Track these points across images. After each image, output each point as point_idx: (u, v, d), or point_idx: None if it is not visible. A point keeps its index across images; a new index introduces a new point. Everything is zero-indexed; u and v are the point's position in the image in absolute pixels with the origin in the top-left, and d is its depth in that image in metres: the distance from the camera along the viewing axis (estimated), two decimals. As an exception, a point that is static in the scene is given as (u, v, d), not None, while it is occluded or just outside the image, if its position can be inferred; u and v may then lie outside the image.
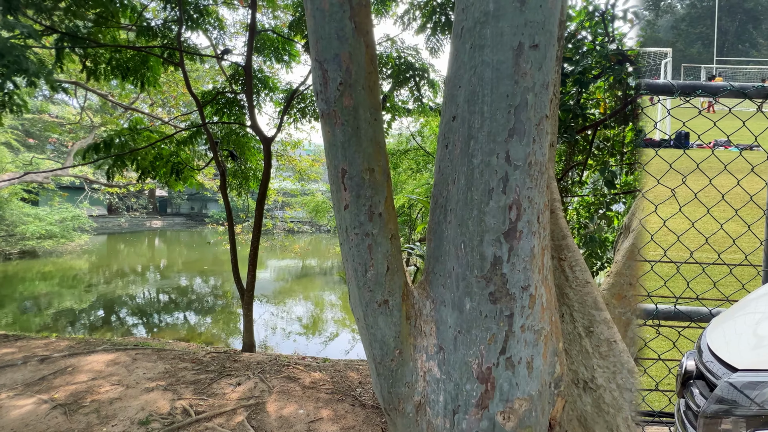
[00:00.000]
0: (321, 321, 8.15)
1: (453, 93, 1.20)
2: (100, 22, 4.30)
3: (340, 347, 6.44)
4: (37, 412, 2.29)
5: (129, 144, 4.84)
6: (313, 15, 1.03)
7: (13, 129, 12.25)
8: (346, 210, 1.16)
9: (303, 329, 7.39)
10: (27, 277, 10.78)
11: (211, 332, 6.81)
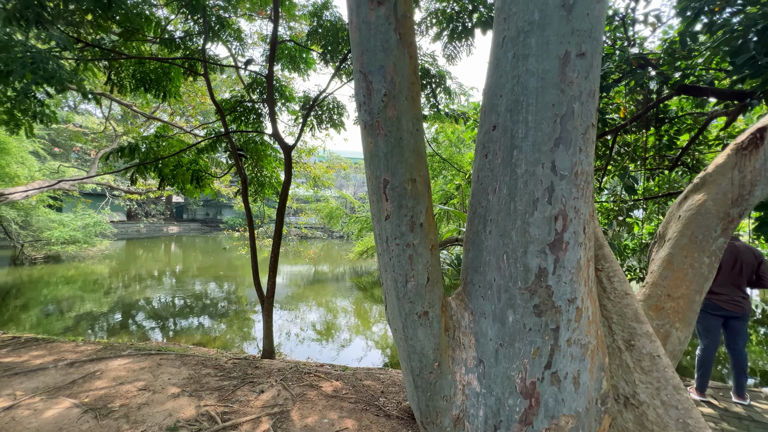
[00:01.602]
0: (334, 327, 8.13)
1: (493, 102, 1.19)
2: (125, 35, 4.45)
3: (353, 354, 6.40)
4: (69, 416, 2.33)
5: (153, 150, 4.98)
6: (359, 28, 1.04)
7: (40, 138, 12.73)
8: (387, 220, 1.15)
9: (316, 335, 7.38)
10: (51, 281, 11.09)
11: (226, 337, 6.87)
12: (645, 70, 4.04)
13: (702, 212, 1.81)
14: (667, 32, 4.90)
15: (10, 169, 8.59)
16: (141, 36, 4.63)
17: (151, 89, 4.98)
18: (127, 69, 4.89)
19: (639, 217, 6.16)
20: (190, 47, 4.98)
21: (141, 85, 4.91)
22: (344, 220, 13.28)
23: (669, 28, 5.03)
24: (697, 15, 3.45)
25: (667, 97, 4.67)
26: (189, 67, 4.97)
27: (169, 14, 6.13)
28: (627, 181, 3.76)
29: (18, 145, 8.83)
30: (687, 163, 5.62)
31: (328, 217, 12.82)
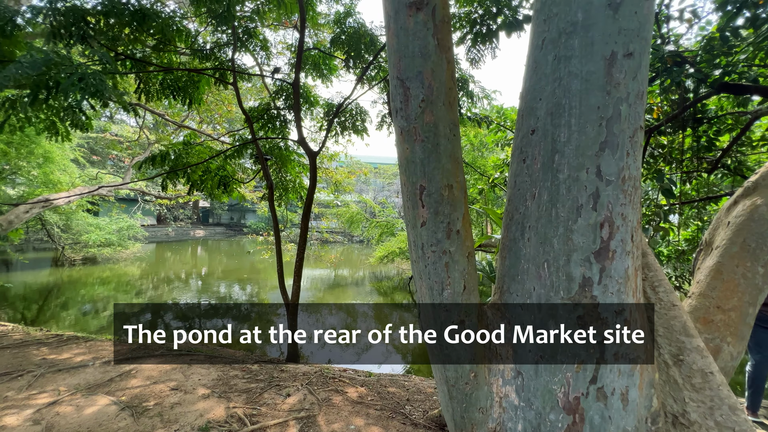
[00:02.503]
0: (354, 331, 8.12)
1: (532, 106, 1.16)
2: (158, 47, 4.68)
3: (373, 359, 6.38)
4: (108, 413, 2.43)
5: (182, 157, 5.18)
6: (396, 34, 1.04)
7: (79, 147, 13.52)
8: (423, 227, 1.14)
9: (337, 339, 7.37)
10: (88, 282, 11.70)
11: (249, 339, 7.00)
12: (682, 67, 3.86)
13: (755, 218, 1.69)
14: (705, 28, 4.67)
15: (54, 176, 9.16)
16: (172, 47, 4.85)
17: (178, 96, 5.19)
18: (156, 78, 5.12)
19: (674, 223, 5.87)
20: (219, 58, 5.17)
21: (169, 93, 5.12)
22: (364, 225, 13.34)
23: (707, 23, 4.80)
24: (739, 9, 3.28)
25: (705, 96, 4.44)
26: (219, 77, 5.15)
27: (199, 27, 6.40)
28: (665, 184, 3.58)
29: (61, 154, 9.41)
30: (728, 166, 5.31)
31: (349, 222, 12.92)
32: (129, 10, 3.72)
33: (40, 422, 2.28)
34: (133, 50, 4.66)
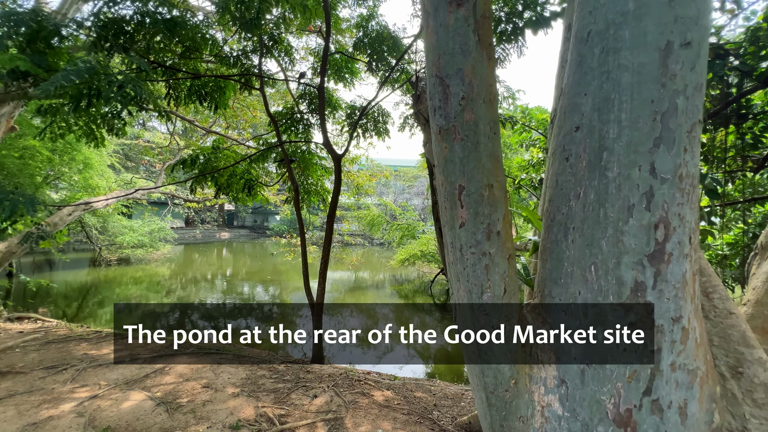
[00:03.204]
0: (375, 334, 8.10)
1: (575, 102, 1.11)
2: (186, 54, 4.86)
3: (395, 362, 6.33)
4: (144, 408, 2.52)
5: (210, 161, 5.35)
6: (436, 32, 1.02)
7: (115, 153, 14.24)
8: (462, 228, 1.11)
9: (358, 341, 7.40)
10: (122, 281, 12.27)
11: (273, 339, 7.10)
12: (724, 60, 3.65)
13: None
14: (750, 18, 4.40)
15: (93, 181, 9.69)
16: (198, 54, 5.02)
17: (205, 102, 5.36)
18: (184, 84, 5.30)
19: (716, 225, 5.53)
20: (245, 64, 5.31)
21: (196, 99, 5.29)
22: (385, 228, 13.34)
23: (752, 13, 4.51)
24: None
25: (750, 91, 4.18)
26: (245, 82, 5.30)
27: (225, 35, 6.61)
28: (708, 183, 3.37)
29: (99, 160, 9.96)
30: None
31: (370, 225, 12.95)
32: (161, 19, 3.89)
33: (83, 414, 2.39)
34: (164, 58, 4.87)
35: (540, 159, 6.41)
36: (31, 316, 6.06)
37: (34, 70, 2.98)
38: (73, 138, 4.42)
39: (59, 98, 4.08)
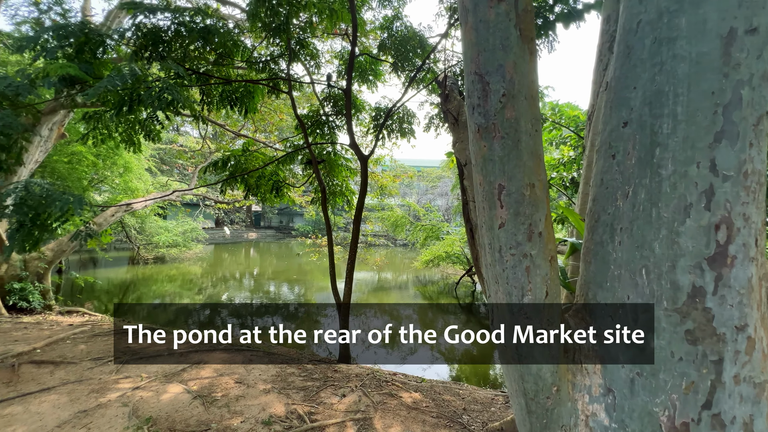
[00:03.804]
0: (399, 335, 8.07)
1: (623, 96, 1.06)
2: (218, 61, 5.05)
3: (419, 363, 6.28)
4: (182, 400, 2.63)
5: (241, 163, 5.52)
6: (475, 28, 1.00)
7: (152, 157, 15.02)
8: (502, 228, 1.08)
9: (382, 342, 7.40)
10: (158, 279, 12.91)
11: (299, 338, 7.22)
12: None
13: None
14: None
15: (132, 184, 10.29)
16: (230, 61, 5.20)
17: (235, 106, 5.54)
18: (216, 90, 5.50)
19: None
20: (273, 69, 5.45)
21: (227, 104, 5.48)
22: (408, 229, 13.29)
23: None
24: None
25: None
26: (273, 86, 5.43)
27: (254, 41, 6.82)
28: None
29: (138, 164, 10.55)
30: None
31: (393, 226, 12.95)
32: (196, 28, 4.06)
33: (127, 404, 2.52)
34: (198, 66, 5.09)
35: (571, 157, 6.18)
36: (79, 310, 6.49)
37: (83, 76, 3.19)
38: (114, 143, 4.71)
39: (102, 105, 4.35)
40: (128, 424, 2.31)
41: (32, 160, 6.57)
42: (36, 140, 6.48)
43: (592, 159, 2.50)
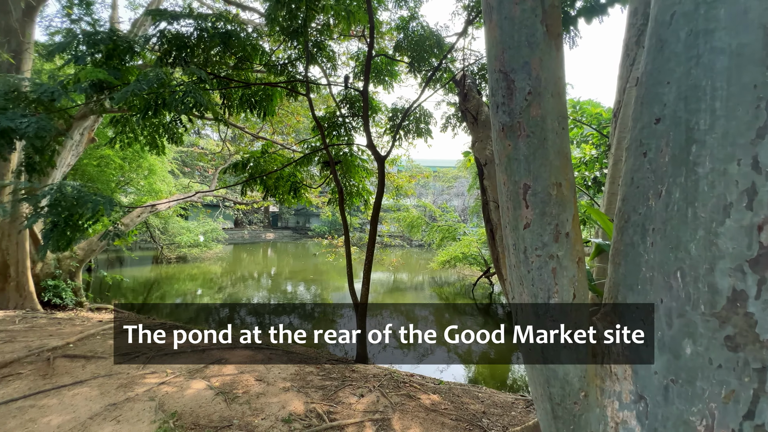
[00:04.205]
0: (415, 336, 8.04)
1: (655, 92, 1.02)
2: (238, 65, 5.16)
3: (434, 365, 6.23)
4: (205, 396, 2.70)
5: (260, 165, 5.63)
6: (500, 25, 0.98)
7: (174, 160, 15.50)
8: (527, 229, 1.05)
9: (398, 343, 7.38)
10: (180, 278, 13.30)
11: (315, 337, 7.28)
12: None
13: None
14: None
15: (156, 186, 10.65)
16: (249, 65, 5.30)
17: (254, 109, 5.64)
18: (236, 94, 5.62)
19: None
20: (291, 72, 5.53)
21: (247, 107, 5.58)
22: (424, 229, 13.23)
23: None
24: None
25: None
26: (291, 89, 5.51)
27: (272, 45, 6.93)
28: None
29: (161, 167, 10.92)
30: None
31: (409, 227, 12.91)
32: (218, 32, 4.17)
33: (154, 399, 2.61)
34: (219, 70, 5.23)
35: (593, 156, 6.00)
36: (108, 307, 6.77)
37: (112, 80, 3.32)
38: (139, 147, 4.89)
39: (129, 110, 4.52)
40: (155, 417, 2.39)
41: (65, 163, 6.89)
42: (68, 144, 6.80)
43: (619, 157, 2.43)
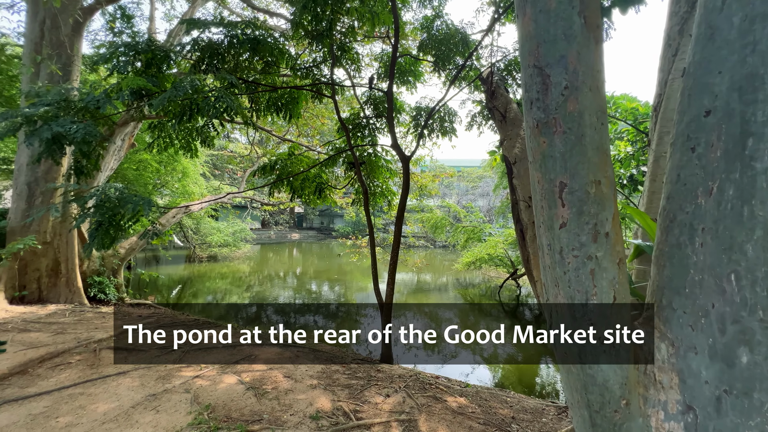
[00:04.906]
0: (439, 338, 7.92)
1: (705, 82, 0.95)
2: (265, 70, 5.30)
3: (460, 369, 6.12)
4: (236, 390, 2.79)
5: (287, 167, 5.76)
6: (534, 19, 0.96)
7: (206, 163, 16.17)
8: (563, 228, 1.02)
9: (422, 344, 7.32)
10: (211, 276, 13.84)
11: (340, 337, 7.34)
12: None
13: None
14: None
15: (189, 188, 11.15)
16: (275, 69, 5.43)
17: (281, 112, 5.77)
18: (263, 97, 5.76)
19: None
20: (316, 75, 5.63)
21: (274, 110, 5.72)
22: (449, 230, 13.07)
23: None
24: None
25: None
26: (317, 91, 5.61)
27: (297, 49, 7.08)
28: None
29: (194, 170, 11.42)
30: None
31: (433, 228, 12.79)
32: (247, 38, 4.32)
33: (189, 391, 2.73)
34: (247, 75, 5.40)
35: (628, 153, 5.72)
36: (146, 303, 7.16)
37: (151, 87, 3.51)
38: (173, 150, 5.13)
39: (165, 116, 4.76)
40: (190, 409, 2.50)
41: (108, 167, 7.35)
42: (111, 149, 7.25)
43: (661, 153, 2.30)
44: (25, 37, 6.41)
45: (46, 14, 6.22)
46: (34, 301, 5.99)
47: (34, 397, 2.65)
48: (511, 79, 4.86)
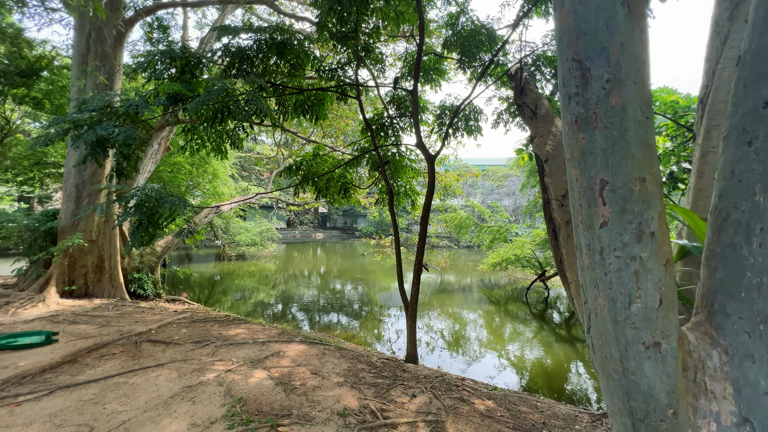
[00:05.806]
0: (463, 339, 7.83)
1: (763, 71, 0.89)
2: (291, 72, 5.42)
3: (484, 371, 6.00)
4: (266, 385, 2.87)
5: (312, 167, 5.87)
6: (573, 11, 0.92)
7: (234, 164, 16.74)
8: (604, 228, 0.98)
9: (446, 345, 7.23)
10: (239, 274, 14.32)
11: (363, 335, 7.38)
12: None
13: None
14: None
15: (219, 189, 11.59)
16: (301, 71, 5.54)
17: (307, 114, 5.87)
18: (290, 100, 5.89)
19: None
20: (340, 76, 5.70)
21: (300, 112, 5.83)
22: (473, 231, 12.85)
23: None
24: None
25: None
26: (342, 92, 5.68)
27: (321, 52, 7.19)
28: None
29: (224, 172, 11.86)
30: None
31: (458, 228, 12.62)
32: (274, 42, 4.44)
33: (222, 384, 2.84)
34: (274, 79, 5.54)
35: (668, 149, 5.41)
36: (180, 299, 7.52)
37: (186, 92, 3.69)
38: (205, 152, 5.35)
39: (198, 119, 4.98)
40: (224, 401, 2.60)
41: (146, 169, 7.77)
42: (149, 152, 7.65)
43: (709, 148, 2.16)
44: (73, 49, 6.89)
45: (92, 27, 6.66)
46: (81, 296, 6.43)
47: (83, 384, 2.84)
48: (539, 75, 4.71)
